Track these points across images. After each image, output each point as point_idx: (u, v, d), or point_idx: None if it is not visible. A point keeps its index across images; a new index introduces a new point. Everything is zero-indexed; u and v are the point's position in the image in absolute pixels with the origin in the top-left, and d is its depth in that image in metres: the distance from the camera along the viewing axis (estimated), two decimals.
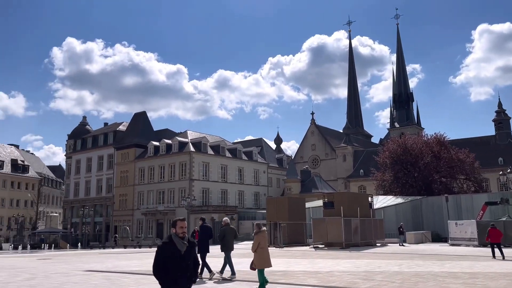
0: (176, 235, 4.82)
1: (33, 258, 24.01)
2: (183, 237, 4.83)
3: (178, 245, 4.76)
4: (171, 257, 4.71)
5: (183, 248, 4.77)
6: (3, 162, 76.11)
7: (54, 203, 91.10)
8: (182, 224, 4.89)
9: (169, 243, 4.78)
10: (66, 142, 72.16)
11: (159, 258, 4.75)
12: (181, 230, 4.84)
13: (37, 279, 12.01)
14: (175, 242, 4.77)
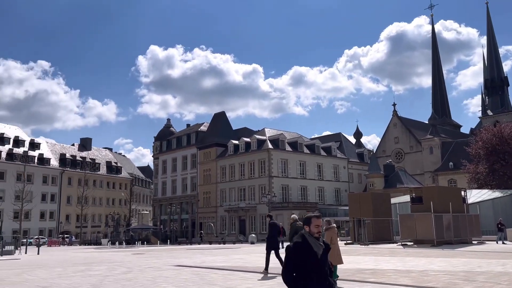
0: (310, 234, 3.99)
1: (128, 253, 25.74)
2: (318, 238, 4.01)
3: (314, 247, 3.91)
4: (306, 261, 3.87)
5: (319, 250, 3.93)
6: (99, 164, 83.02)
7: (144, 201, 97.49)
8: (317, 222, 4.03)
9: (303, 244, 3.92)
10: (153, 144, 76.70)
11: (292, 262, 3.91)
12: (316, 230, 3.99)
13: (133, 273, 12.74)
14: (310, 243, 3.93)
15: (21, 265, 15.82)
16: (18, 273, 12.70)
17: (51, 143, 79.96)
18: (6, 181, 63.03)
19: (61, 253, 27.29)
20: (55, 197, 72.33)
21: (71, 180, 74.89)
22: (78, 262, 17.26)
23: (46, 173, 71.17)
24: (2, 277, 11.79)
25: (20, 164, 62.60)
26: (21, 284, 10.19)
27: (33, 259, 19.65)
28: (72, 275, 12.18)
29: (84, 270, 13.74)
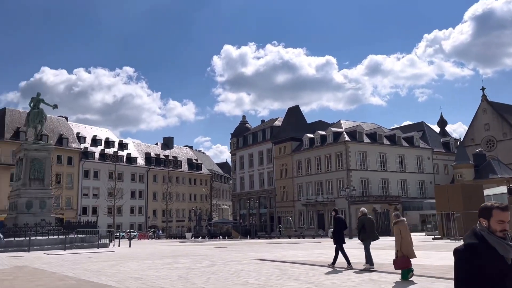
0: (490, 232, 2.66)
1: (211, 246, 26.54)
2: (504, 237, 2.65)
3: (499, 249, 2.61)
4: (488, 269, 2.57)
5: (509, 254, 2.61)
6: (181, 162, 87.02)
7: (224, 196, 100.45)
8: (503, 216, 2.66)
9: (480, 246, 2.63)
10: (230, 141, 78.60)
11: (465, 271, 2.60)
12: (501, 227, 2.65)
13: (216, 266, 12.99)
14: (492, 244, 2.62)
15: (115, 257, 16.93)
16: (112, 265, 13.57)
17: (137, 143, 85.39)
18: (100, 179, 68.51)
19: (150, 246, 28.97)
20: (143, 194, 77.23)
21: (156, 177, 79.44)
22: (165, 255, 18.09)
23: (134, 171, 76.22)
24: (98, 268, 12.66)
25: (111, 163, 67.67)
26: (115, 276, 10.83)
27: (125, 252, 21.00)
28: (160, 267, 12.73)
29: (171, 262, 14.31)
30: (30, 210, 24.83)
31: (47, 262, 15.12)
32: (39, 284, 9.49)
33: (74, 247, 23.18)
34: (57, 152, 63.27)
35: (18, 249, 21.83)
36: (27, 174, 25.34)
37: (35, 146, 26.10)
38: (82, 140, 71.25)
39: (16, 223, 23.89)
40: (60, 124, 70.17)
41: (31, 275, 11.25)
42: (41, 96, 27.98)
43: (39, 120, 26.96)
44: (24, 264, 14.40)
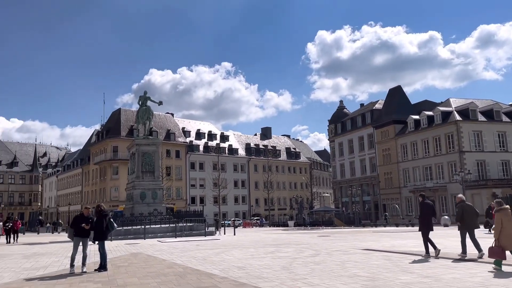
0: None
1: (313, 235, 26.05)
2: None
3: None
4: None
5: None
6: (280, 151, 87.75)
7: (324, 184, 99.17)
8: None
9: None
10: (327, 128, 76.98)
11: None
12: None
13: (320, 256, 12.45)
14: None
15: (220, 245, 17.35)
16: (217, 253, 13.81)
17: (237, 134, 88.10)
18: (205, 171, 72.11)
19: (253, 234, 29.48)
20: (245, 183, 79.60)
21: (256, 167, 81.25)
22: (268, 243, 18.06)
23: (235, 162, 78.86)
24: (204, 256, 12.95)
25: (214, 155, 70.77)
26: (219, 264, 10.90)
27: (230, 240, 21.52)
28: (263, 256, 12.59)
29: (274, 251, 14.13)
30: (144, 201, 26.79)
31: (159, 249, 16.00)
32: (150, 271, 9.89)
33: (184, 235, 24.44)
34: (166, 147, 68.02)
35: (136, 237, 23.68)
36: (139, 168, 27.36)
37: (144, 141, 28.05)
38: (187, 134, 75.61)
39: (132, 212, 25.97)
40: (167, 120, 75.25)
41: (144, 262, 11.87)
42: (148, 94, 29.89)
43: (147, 117, 28.89)
44: (139, 251, 15.39)
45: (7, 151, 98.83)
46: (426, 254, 11.51)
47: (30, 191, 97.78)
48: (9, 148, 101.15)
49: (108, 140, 64.70)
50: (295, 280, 8.15)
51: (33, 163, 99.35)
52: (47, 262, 12.37)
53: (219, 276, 8.85)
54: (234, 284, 7.92)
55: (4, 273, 10.11)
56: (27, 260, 13.11)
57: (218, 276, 8.91)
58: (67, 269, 10.07)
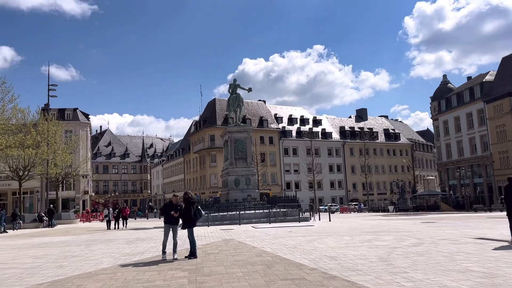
0: None
1: (417, 221, 24.09)
2: None
3: None
4: None
5: None
6: (377, 133, 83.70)
7: (427, 166, 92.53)
8: None
9: None
10: (430, 105, 71.30)
11: None
12: None
13: (424, 246, 11.15)
14: None
15: (313, 232, 16.69)
16: (309, 241, 13.18)
17: (331, 118, 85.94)
18: (299, 156, 71.68)
19: (350, 220, 28.28)
20: (341, 167, 77.58)
21: (352, 151, 78.61)
22: (365, 231, 16.95)
23: (330, 146, 77.12)
24: (295, 244, 12.42)
25: (307, 140, 69.92)
26: (310, 253, 10.27)
27: (325, 226, 20.74)
28: (359, 245, 11.67)
29: (371, 240, 13.09)
30: (238, 187, 27.17)
31: (251, 235, 15.88)
32: (239, 259, 9.63)
33: (278, 221, 24.24)
34: (259, 133, 68.95)
35: (231, 222, 24.10)
36: (232, 155, 27.76)
37: (236, 128, 28.35)
38: (280, 120, 75.69)
39: (227, 199, 26.49)
40: (259, 108, 76.08)
41: (234, 249, 11.71)
42: (237, 82, 30.10)
43: (237, 104, 29.13)
44: (231, 237, 15.41)
45: (120, 143, 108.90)
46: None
47: (141, 180, 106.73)
48: (121, 141, 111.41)
49: (205, 129, 67.46)
50: (393, 274, 7.20)
51: (142, 154, 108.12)
52: (145, 248, 12.89)
53: (308, 267, 8.22)
54: (323, 277, 7.23)
55: (104, 258, 10.65)
56: (128, 246, 13.84)
57: (307, 267, 8.29)
58: (161, 255, 10.26)
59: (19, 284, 7.50)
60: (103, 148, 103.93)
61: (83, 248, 13.53)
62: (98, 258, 10.65)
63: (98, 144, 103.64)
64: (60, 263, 9.96)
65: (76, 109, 60.20)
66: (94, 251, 12.60)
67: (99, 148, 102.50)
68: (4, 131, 25.89)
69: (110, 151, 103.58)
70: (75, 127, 56.96)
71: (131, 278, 7.73)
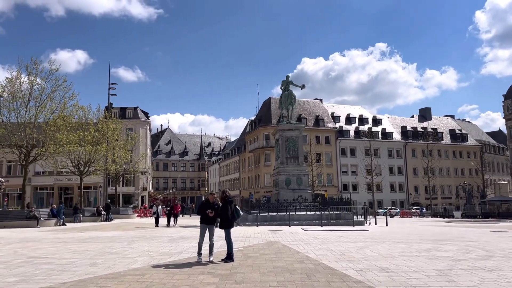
0: None
1: (485, 229, 21.86)
2: None
3: None
4: None
5: None
6: (442, 134, 78.80)
7: (499, 170, 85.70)
8: None
9: None
10: (502, 104, 65.84)
11: None
12: None
13: (494, 259, 9.66)
14: None
15: (366, 238, 15.45)
16: (360, 248, 12.06)
17: (392, 117, 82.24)
18: (357, 156, 69.20)
19: (410, 225, 26.35)
20: (402, 169, 73.96)
21: (414, 152, 74.68)
22: (425, 238, 15.41)
23: (390, 147, 73.79)
24: (344, 250, 11.36)
25: (366, 140, 67.26)
26: (358, 262, 9.22)
27: (380, 231, 19.30)
28: (416, 255, 10.40)
29: (431, 249, 11.70)
30: (289, 187, 26.28)
31: (299, 238, 14.99)
32: (278, 265, 8.83)
33: (330, 224, 23.06)
34: (315, 133, 67.49)
35: (281, 223, 23.29)
36: (283, 153, 26.92)
37: (287, 126, 27.47)
38: (337, 119, 73.58)
39: (278, 198, 25.70)
40: (316, 107, 74.46)
41: (276, 253, 10.92)
42: (290, 79, 29.21)
43: (289, 102, 28.24)
44: (277, 239, 14.62)
45: (179, 142, 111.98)
46: None
47: (198, 178, 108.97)
48: (181, 140, 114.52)
49: (260, 129, 67.12)
50: None
51: (200, 152, 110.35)
52: (185, 247, 12.45)
53: (353, 279, 7.24)
54: None
55: (140, 257, 10.30)
56: (169, 244, 13.51)
57: (352, 278, 7.31)
58: (194, 257, 9.71)
59: (44, 282, 7.23)
60: (163, 146, 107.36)
61: (125, 245, 13.38)
62: (134, 257, 10.32)
63: (158, 142, 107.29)
64: (95, 261, 9.73)
65: (137, 108, 62.39)
66: (134, 248, 12.38)
67: (159, 146, 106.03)
68: (65, 127, 26.98)
69: (170, 149, 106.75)
70: (135, 125, 59.02)
71: (158, 281, 7.21)
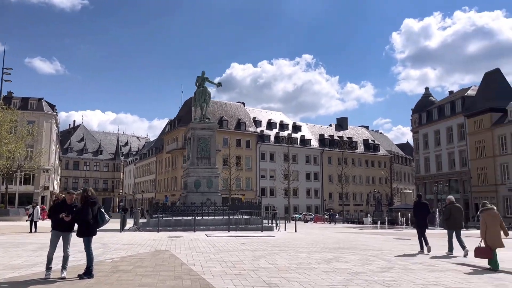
0: None
1: (389, 236, 22.01)
2: None
3: None
4: None
5: None
6: (357, 143, 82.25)
7: (406, 179, 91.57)
8: None
9: None
10: (411, 117, 70.12)
11: None
12: None
13: (394, 272, 8.89)
14: None
15: (269, 245, 14.32)
16: (257, 257, 10.79)
17: (311, 125, 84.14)
18: (276, 162, 69.43)
19: (319, 231, 26.00)
20: (318, 176, 75.67)
21: (330, 159, 76.86)
22: (328, 246, 14.66)
23: (308, 153, 75.20)
24: (236, 261, 9.99)
25: (285, 146, 67.76)
26: (245, 277, 7.87)
27: (286, 238, 18.39)
28: (314, 267, 9.33)
29: (331, 259, 10.77)
30: (198, 189, 24.63)
31: (195, 246, 13.43)
32: (146, 282, 7.19)
33: (238, 229, 21.82)
34: (236, 136, 66.55)
35: (186, 228, 21.56)
36: (194, 153, 25.24)
37: (200, 125, 25.85)
38: (258, 124, 73.43)
39: (185, 202, 23.92)
40: (238, 110, 73.68)
41: (155, 265, 9.24)
42: (206, 75, 27.62)
43: (204, 99, 26.65)
44: (169, 248, 12.93)
45: (93, 140, 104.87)
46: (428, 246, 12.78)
47: (113, 178, 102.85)
48: (95, 137, 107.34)
49: (180, 129, 64.64)
50: None
51: (116, 151, 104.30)
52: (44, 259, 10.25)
53: None
54: None
55: None
56: (33, 253, 11.20)
57: None
58: (43, 272, 7.69)
59: None
60: (74, 143, 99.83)
61: None
62: None
63: (69, 139, 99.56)
64: None
65: (42, 99, 56.69)
66: None
67: (70, 143, 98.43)
68: None
69: (82, 147, 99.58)
70: (38, 118, 53.48)
71: None
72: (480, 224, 9.86)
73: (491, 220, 9.60)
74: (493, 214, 9.78)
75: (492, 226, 9.53)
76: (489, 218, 9.63)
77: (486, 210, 9.83)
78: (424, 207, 13.19)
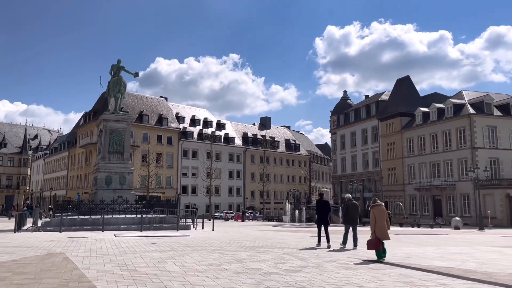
0: None
1: (306, 234, 22.20)
2: None
3: None
4: None
5: None
6: (279, 142, 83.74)
7: (324, 178, 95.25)
8: None
9: None
10: (329, 119, 72.90)
11: None
12: None
13: (307, 271, 8.53)
14: None
15: (181, 245, 13.45)
16: (164, 259, 9.88)
17: (235, 123, 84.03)
18: (199, 159, 68.19)
19: (237, 229, 25.56)
20: (240, 174, 75.73)
21: (253, 158, 77.36)
22: (244, 245, 14.15)
23: (231, 152, 74.94)
24: (139, 263, 9.02)
25: (208, 143, 66.80)
26: (145, 282, 6.98)
27: (202, 237, 17.61)
28: (224, 268, 8.67)
29: (245, 259, 10.21)
30: (109, 186, 22.90)
31: (97, 248, 12.12)
32: None
33: (152, 228, 20.58)
34: (157, 132, 64.21)
35: (93, 228, 19.85)
36: (106, 147, 23.45)
37: (113, 117, 24.07)
38: (181, 120, 71.59)
39: (93, 199, 22.09)
40: (160, 104, 71.19)
41: (41, 271, 7.96)
42: (122, 64, 25.81)
43: (118, 89, 24.84)
44: (66, 250, 11.52)
45: None
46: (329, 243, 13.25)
47: (19, 174, 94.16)
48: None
49: (95, 122, 60.58)
50: None
51: (23, 145, 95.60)
52: None
53: None
54: None
55: None
56: None
57: None
58: None
59: None
60: None
61: None
62: None
63: None
64: None
65: None
66: None
67: None
68: None
69: None
70: None
71: None
72: (370, 219, 10.55)
73: (380, 215, 10.34)
74: (382, 210, 10.50)
75: (380, 220, 10.29)
76: (378, 213, 10.35)
77: (376, 206, 10.48)
78: (325, 205, 13.86)
